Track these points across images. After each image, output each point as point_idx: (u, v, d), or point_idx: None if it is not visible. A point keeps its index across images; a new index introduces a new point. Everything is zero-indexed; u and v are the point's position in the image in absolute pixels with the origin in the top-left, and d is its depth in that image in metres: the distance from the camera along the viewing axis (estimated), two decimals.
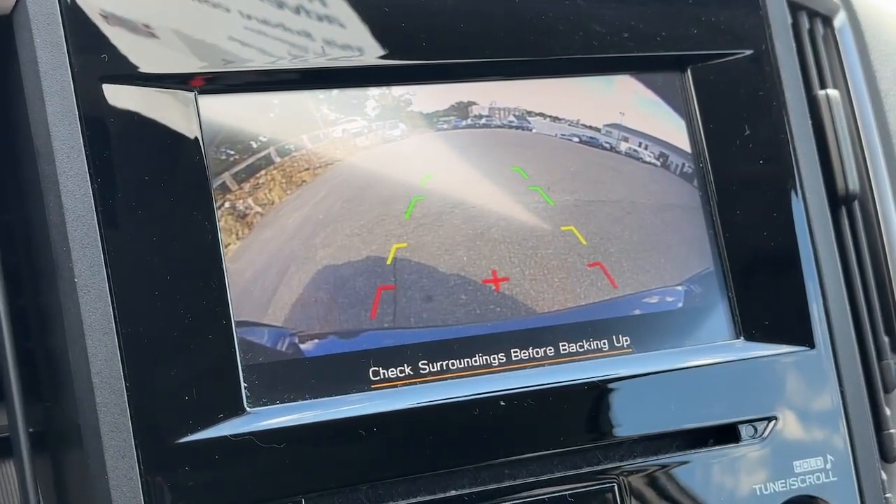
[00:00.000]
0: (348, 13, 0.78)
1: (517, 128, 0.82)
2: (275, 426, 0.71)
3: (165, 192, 0.71)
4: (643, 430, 0.80)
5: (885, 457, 0.91)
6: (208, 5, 0.75)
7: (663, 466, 0.80)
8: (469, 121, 0.81)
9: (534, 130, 0.82)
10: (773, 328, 0.86)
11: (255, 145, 0.75)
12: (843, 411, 0.87)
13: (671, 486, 0.80)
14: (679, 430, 0.81)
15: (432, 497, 0.75)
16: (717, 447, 0.82)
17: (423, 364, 0.76)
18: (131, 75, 0.72)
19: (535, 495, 0.77)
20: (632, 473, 0.79)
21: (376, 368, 0.75)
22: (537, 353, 0.79)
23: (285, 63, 0.76)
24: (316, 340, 0.74)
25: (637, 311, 0.82)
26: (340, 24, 0.78)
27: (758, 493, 0.82)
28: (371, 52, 0.78)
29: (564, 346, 0.80)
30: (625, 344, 0.82)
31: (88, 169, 0.70)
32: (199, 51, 0.74)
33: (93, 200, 0.70)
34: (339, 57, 0.77)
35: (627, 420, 0.80)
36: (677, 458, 0.81)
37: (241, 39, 0.75)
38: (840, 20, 0.99)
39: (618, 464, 0.80)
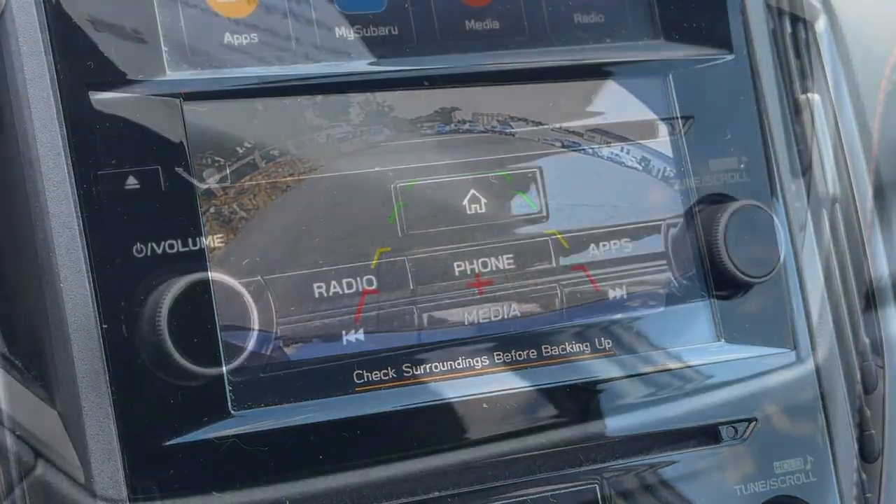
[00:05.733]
0: (333, 20, 0.79)
1: (500, 133, 0.82)
2: (259, 429, 0.72)
3: (150, 198, 0.72)
4: (624, 431, 0.81)
5: (865, 457, 0.92)
6: (194, 13, 0.75)
7: (645, 467, 0.81)
8: (452, 126, 0.81)
9: (517, 135, 0.83)
10: (754, 330, 0.86)
11: (240, 151, 0.75)
12: (823, 412, 0.87)
13: (653, 487, 0.81)
14: (660, 431, 0.82)
15: (416, 499, 0.76)
16: (697, 448, 0.83)
17: (406, 367, 0.77)
18: (117, 82, 0.72)
19: (518, 496, 0.78)
20: (613, 474, 0.80)
21: (360, 372, 0.76)
22: (520, 356, 0.80)
23: (270, 70, 0.76)
24: (300, 344, 0.75)
25: (619, 315, 0.83)
26: (325, 31, 0.79)
27: (738, 493, 0.83)
28: (356, 59, 0.79)
29: (547, 349, 0.81)
30: (606, 347, 0.82)
31: (73, 175, 0.70)
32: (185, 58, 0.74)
33: (78, 207, 0.70)
34: (323, 63, 0.78)
35: (609, 422, 0.80)
36: (658, 459, 0.82)
37: (227, 45, 0.76)
38: (821, 24, 0.99)
39: (600, 465, 0.80)
